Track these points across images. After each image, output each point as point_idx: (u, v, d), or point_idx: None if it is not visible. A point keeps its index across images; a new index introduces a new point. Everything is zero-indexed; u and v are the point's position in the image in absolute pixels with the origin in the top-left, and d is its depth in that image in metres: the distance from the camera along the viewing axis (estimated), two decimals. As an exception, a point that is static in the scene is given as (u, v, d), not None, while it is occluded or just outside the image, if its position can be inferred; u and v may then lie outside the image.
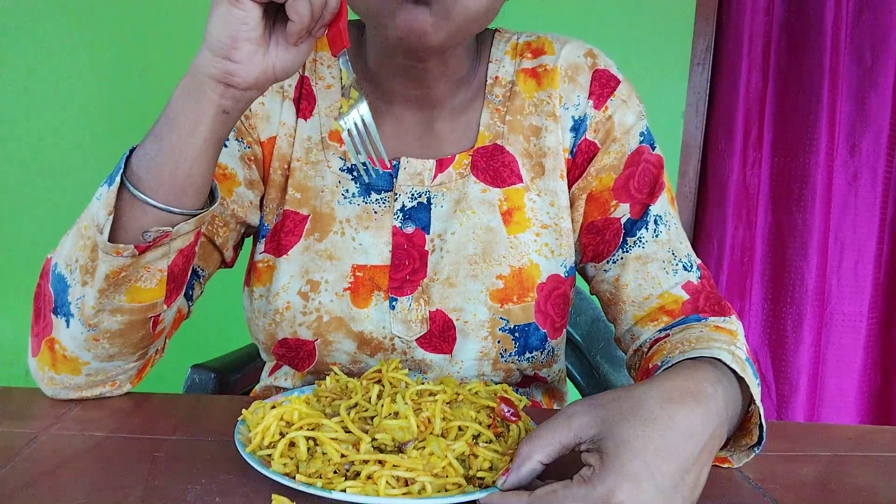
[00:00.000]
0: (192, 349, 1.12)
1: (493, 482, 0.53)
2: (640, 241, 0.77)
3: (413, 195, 0.76)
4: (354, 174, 0.77)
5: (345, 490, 0.51)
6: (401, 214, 0.76)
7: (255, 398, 0.70)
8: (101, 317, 0.63)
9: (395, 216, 0.76)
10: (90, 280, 0.62)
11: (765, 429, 0.60)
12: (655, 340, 0.74)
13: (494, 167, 0.77)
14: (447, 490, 0.53)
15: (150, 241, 0.61)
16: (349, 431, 0.56)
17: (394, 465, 0.52)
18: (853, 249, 1.88)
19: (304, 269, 0.76)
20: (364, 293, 0.75)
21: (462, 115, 0.78)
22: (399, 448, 0.55)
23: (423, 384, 0.64)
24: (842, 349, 1.90)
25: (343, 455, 0.53)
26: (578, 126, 0.78)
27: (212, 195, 0.66)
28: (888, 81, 1.80)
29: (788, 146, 1.84)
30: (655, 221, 0.77)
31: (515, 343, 0.76)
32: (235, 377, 0.99)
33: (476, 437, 0.58)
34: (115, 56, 1.71)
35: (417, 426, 0.56)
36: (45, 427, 0.64)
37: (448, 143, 0.78)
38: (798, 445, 0.70)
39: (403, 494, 0.51)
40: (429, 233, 0.76)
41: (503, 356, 0.77)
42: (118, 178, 0.59)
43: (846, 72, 1.81)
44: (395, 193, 0.76)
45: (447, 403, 0.61)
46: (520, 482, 0.51)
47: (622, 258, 0.78)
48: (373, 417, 0.59)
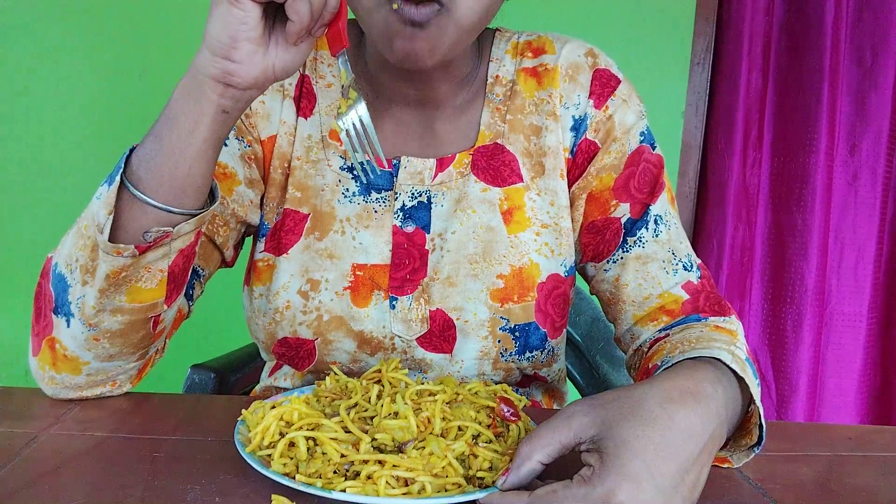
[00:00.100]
0: (192, 349, 1.12)
1: (493, 482, 0.53)
2: (641, 241, 0.77)
3: (413, 194, 0.76)
4: (355, 173, 0.77)
5: (345, 490, 0.51)
6: (401, 213, 0.76)
7: (255, 398, 0.70)
8: (102, 316, 0.63)
9: (396, 215, 0.76)
10: (90, 280, 0.62)
11: (765, 429, 0.60)
12: (655, 340, 0.74)
13: (495, 166, 0.77)
14: (447, 490, 0.52)
15: (151, 242, 0.61)
16: (349, 431, 0.56)
17: (394, 465, 0.52)
18: (853, 249, 1.88)
19: (305, 268, 0.76)
20: (364, 292, 0.75)
21: (462, 115, 0.78)
22: (399, 448, 0.55)
23: (423, 384, 0.64)
24: (842, 349, 1.90)
25: (343, 455, 0.53)
26: (579, 125, 0.78)
27: (212, 195, 0.66)
28: (888, 81, 1.80)
29: (788, 146, 1.84)
30: (655, 221, 0.77)
31: (516, 342, 0.76)
32: (235, 377, 0.99)
33: (476, 437, 0.58)
34: (115, 56, 1.72)
35: (417, 426, 0.56)
36: (45, 427, 0.64)
37: (448, 143, 0.78)
38: (798, 445, 0.70)
39: (403, 494, 0.51)
40: (429, 232, 0.76)
41: (503, 356, 0.77)
42: (118, 178, 0.59)
43: (846, 72, 1.81)
44: (396, 192, 0.76)
45: (447, 403, 0.61)
46: (520, 482, 0.51)
47: (622, 258, 0.78)
48: (373, 417, 0.59)
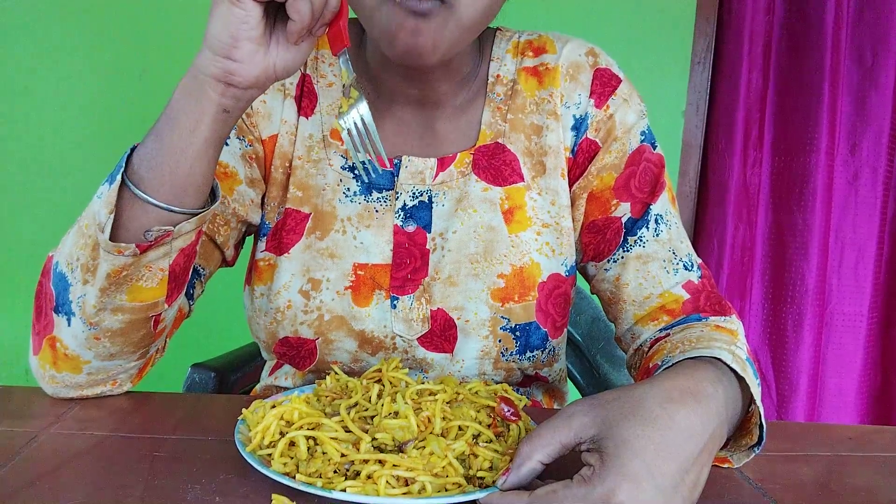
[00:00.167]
0: (193, 348, 1.12)
1: (493, 482, 0.53)
2: (641, 241, 0.77)
3: (414, 194, 0.76)
4: (356, 172, 0.77)
5: (345, 490, 0.51)
6: (402, 213, 0.76)
7: (256, 397, 0.70)
8: (103, 315, 0.63)
9: (397, 215, 0.76)
10: (91, 279, 0.62)
11: (765, 429, 0.59)
12: (656, 340, 0.74)
13: (496, 166, 0.77)
14: (447, 490, 0.52)
15: (152, 241, 0.60)
16: (349, 431, 0.56)
17: (394, 465, 0.52)
18: (853, 249, 1.88)
19: (306, 268, 0.76)
20: (365, 292, 0.75)
21: (463, 114, 0.78)
22: (399, 448, 0.55)
23: (423, 383, 0.64)
24: (842, 349, 1.90)
25: (343, 455, 0.53)
26: (580, 125, 0.78)
27: (213, 194, 0.66)
28: (889, 81, 1.80)
29: (789, 146, 1.84)
30: (656, 221, 0.77)
31: (516, 342, 0.76)
32: (235, 376, 0.99)
33: (476, 437, 0.58)
34: (115, 56, 1.72)
35: (417, 426, 0.56)
36: (46, 426, 0.64)
37: (449, 142, 0.78)
38: (798, 445, 0.70)
39: (403, 494, 0.51)
40: (430, 231, 0.76)
41: (504, 355, 0.77)
42: (119, 177, 0.59)
43: (846, 71, 1.81)
44: (397, 192, 0.76)
45: (447, 403, 0.61)
46: (520, 482, 0.51)
47: (623, 257, 0.78)
48: (373, 417, 0.59)
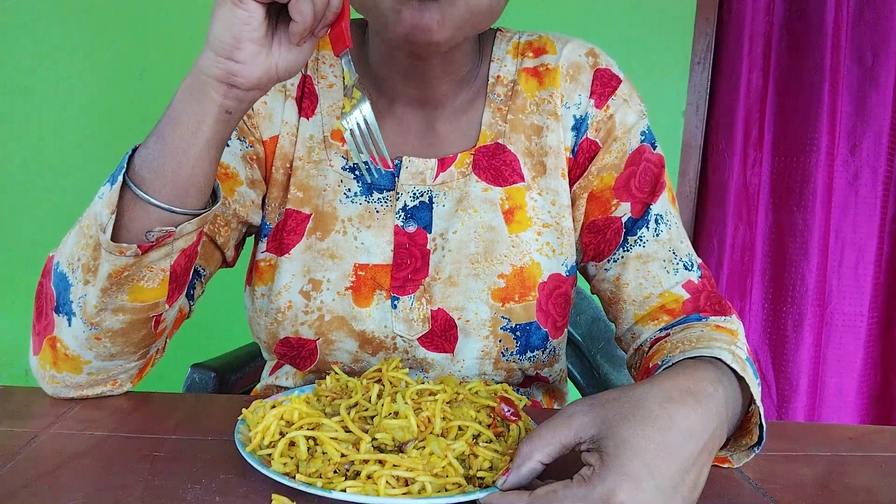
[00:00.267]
0: (193, 348, 1.12)
1: (493, 482, 0.53)
2: (641, 240, 0.77)
3: (415, 194, 0.76)
4: (357, 173, 0.77)
5: (345, 490, 0.51)
6: (403, 213, 0.76)
7: (256, 397, 0.70)
8: (103, 316, 0.63)
9: (397, 215, 0.76)
10: (92, 279, 0.62)
11: (765, 429, 0.60)
12: (656, 340, 0.74)
13: (496, 166, 0.77)
14: (447, 490, 0.52)
15: (153, 241, 0.61)
16: (349, 431, 0.56)
17: (394, 465, 0.52)
18: (853, 249, 1.88)
19: (306, 269, 0.76)
20: (366, 292, 0.75)
21: (464, 115, 0.78)
22: (399, 448, 0.55)
23: (424, 384, 0.64)
24: (842, 349, 1.90)
25: (343, 455, 0.53)
26: (580, 125, 0.78)
27: (214, 195, 0.66)
28: (889, 81, 1.80)
29: (789, 146, 1.84)
30: (656, 220, 0.77)
31: (517, 342, 0.76)
32: (236, 376, 0.99)
33: (476, 437, 0.58)
34: (115, 56, 1.72)
35: (417, 426, 0.56)
36: (46, 426, 0.64)
37: (450, 143, 0.78)
38: (798, 445, 0.70)
39: (403, 494, 0.51)
40: (430, 232, 0.76)
41: (504, 355, 0.77)
42: (121, 178, 0.59)
43: (847, 71, 1.81)
44: (397, 193, 0.76)
45: (447, 403, 0.61)
46: (520, 482, 0.51)
47: (623, 257, 0.78)
48: (373, 417, 0.59)
